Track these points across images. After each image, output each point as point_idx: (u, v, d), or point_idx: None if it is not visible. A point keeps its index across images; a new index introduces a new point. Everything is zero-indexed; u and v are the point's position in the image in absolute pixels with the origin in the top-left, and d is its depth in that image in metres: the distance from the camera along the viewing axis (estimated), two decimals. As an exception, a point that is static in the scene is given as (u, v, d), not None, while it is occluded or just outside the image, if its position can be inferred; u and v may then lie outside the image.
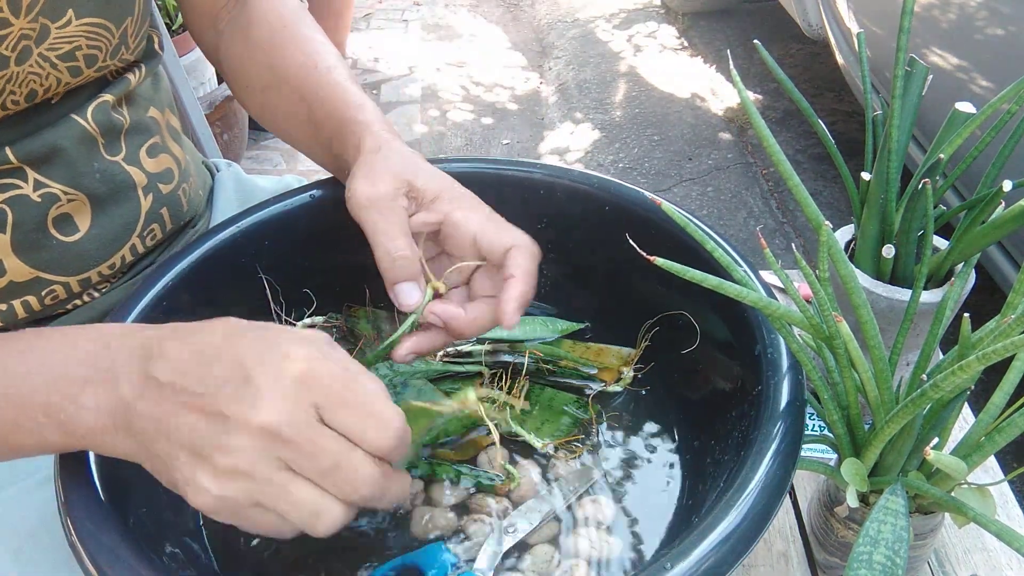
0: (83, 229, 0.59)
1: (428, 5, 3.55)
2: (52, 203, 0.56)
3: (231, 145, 2.09)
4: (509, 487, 0.55)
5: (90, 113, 0.58)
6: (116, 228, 0.61)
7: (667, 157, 2.39)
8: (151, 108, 0.65)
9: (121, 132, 0.61)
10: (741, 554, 0.39)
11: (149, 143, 0.64)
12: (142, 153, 0.63)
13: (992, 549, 0.58)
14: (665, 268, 0.42)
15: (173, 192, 0.65)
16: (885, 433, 0.44)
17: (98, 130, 0.58)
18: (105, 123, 0.59)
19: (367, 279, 0.67)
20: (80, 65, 0.56)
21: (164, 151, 0.65)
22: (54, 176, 0.56)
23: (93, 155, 0.58)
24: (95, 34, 0.56)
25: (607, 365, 0.64)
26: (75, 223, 0.58)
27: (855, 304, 0.44)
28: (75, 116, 0.57)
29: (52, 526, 0.53)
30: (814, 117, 0.60)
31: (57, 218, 0.57)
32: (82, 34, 0.55)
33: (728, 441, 0.51)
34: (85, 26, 0.55)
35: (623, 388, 0.62)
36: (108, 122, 0.59)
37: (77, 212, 0.58)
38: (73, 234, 0.58)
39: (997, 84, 1.34)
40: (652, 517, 0.53)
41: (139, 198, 0.62)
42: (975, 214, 0.54)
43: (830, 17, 2.05)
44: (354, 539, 0.53)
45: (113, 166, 0.60)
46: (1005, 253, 1.37)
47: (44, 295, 0.58)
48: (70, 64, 0.55)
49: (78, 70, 0.56)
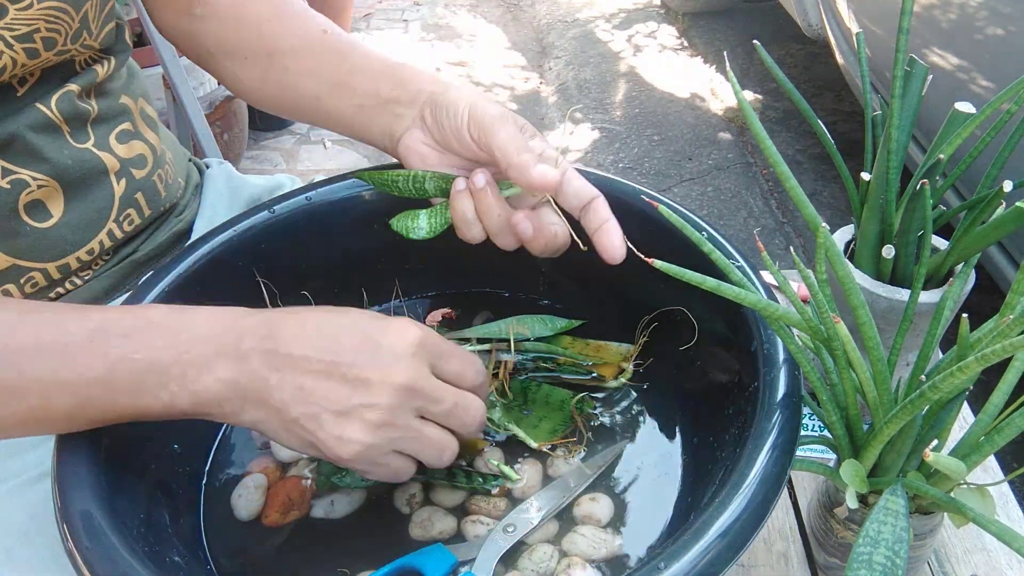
0: (56, 215, 0.59)
1: (428, 5, 3.54)
2: (21, 189, 0.57)
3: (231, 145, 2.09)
4: (508, 487, 0.55)
5: (54, 101, 0.58)
6: (90, 213, 0.61)
7: (667, 157, 2.39)
8: (123, 96, 0.65)
9: (87, 120, 0.61)
10: (738, 551, 0.39)
11: (119, 129, 0.64)
12: (112, 139, 0.63)
13: (992, 549, 0.58)
14: (663, 271, 0.42)
15: (147, 178, 0.66)
16: (884, 434, 0.44)
17: (61, 118, 0.58)
18: (70, 112, 0.59)
19: (365, 281, 0.67)
20: (38, 47, 0.56)
21: (136, 137, 0.65)
22: (20, 163, 0.57)
23: (59, 143, 0.59)
24: (54, 17, 0.56)
25: (606, 361, 0.64)
26: (48, 209, 0.59)
27: (853, 305, 0.44)
28: (39, 104, 0.57)
29: (44, 525, 0.53)
30: (814, 117, 0.60)
31: (29, 204, 0.58)
32: (42, 17, 0.55)
33: (725, 437, 0.51)
34: (46, 9, 0.55)
35: (622, 384, 0.62)
36: (73, 111, 0.59)
37: (49, 198, 0.59)
38: (46, 220, 0.59)
39: (997, 84, 1.34)
40: (651, 514, 0.53)
41: (111, 183, 0.62)
42: (975, 214, 0.54)
43: (830, 17, 2.05)
44: (354, 540, 0.53)
45: (83, 152, 0.60)
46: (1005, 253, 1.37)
47: (23, 283, 0.59)
48: (27, 46, 0.55)
49: (35, 52, 0.56)
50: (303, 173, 2.28)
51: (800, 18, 2.27)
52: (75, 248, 0.61)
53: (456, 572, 0.49)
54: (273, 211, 0.60)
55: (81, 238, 0.61)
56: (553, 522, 0.53)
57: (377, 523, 0.54)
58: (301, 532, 0.53)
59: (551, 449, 0.58)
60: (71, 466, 0.44)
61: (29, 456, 0.57)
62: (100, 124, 0.62)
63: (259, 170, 2.30)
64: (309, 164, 2.35)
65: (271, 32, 0.63)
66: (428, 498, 0.55)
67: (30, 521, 0.54)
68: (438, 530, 0.53)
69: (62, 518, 0.41)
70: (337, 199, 0.62)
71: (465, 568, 0.50)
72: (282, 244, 0.61)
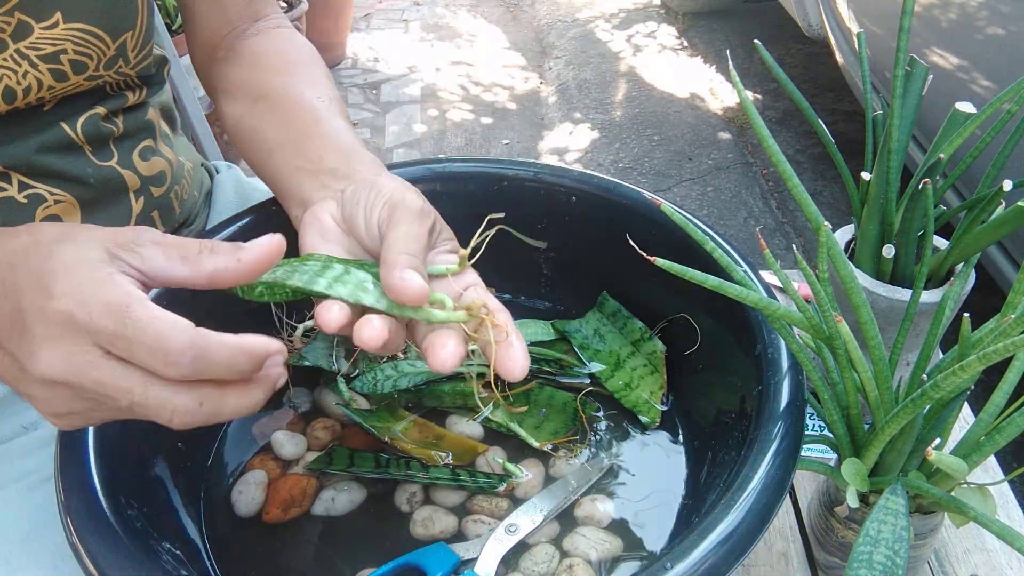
0: None
1: (428, 5, 3.55)
2: (39, 204, 0.57)
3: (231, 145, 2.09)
4: (512, 486, 0.55)
5: (80, 124, 0.58)
6: None
7: (667, 157, 2.39)
8: (150, 111, 0.66)
9: (110, 139, 0.61)
10: (741, 554, 0.39)
11: (142, 145, 0.64)
12: (135, 156, 0.63)
13: (992, 549, 0.58)
14: (665, 269, 0.42)
15: (164, 195, 0.66)
16: (885, 433, 0.44)
17: (84, 139, 0.59)
18: (93, 133, 0.59)
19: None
20: (65, 70, 0.55)
21: (156, 154, 0.66)
22: (38, 179, 0.56)
23: (80, 161, 0.59)
24: (85, 41, 0.56)
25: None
26: None
27: (855, 304, 0.44)
28: (63, 124, 0.57)
29: (42, 532, 0.53)
30: (814, 117, 0.60)
31: (46, 220, 0.57)
32: (69, 38, 0.55)
33: (728, 441, 0.51)
34: (74, 31, 0.55)
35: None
36: (96, 132, 0.59)
37: (66, 214, 0.59)
38: None
39: (997, 84, 1.34)
40: (652, 517, 0.53)
41: (130, 201, 0.62)
42: (975, 214, 0.54)
43: (830, 17, 2.05)
44: (355, 538, 0.53)
45: (107, 170, 0.60)
46: (1005, 253, 1.37)
47: None
48: (53, 66, 0.55)
49: (63, 74, 0.55)
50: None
51: (800, 18, 2.27)
52: None
53: (458, 571, 0.50)
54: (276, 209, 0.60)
55: None
56: (555, 523, 0.53)
57: (378, 521, 0.54)
58: (302, 529, 0.53)
59: (553, 449, 0.58)
60: (74, 462, 0.44)
61: (30, 461, 0.57)
62: (124, 141, 0.62)
63: (259, 170, 2.30)
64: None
65: (269, 82, 0.61)
66: (429, 497, 0.55)
67: (30, 527, 0.54)
68: (439, 529, 0.53)
69: (65, 513, 0.41)
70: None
71: (467, 567, 0.50)
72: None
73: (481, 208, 0.61)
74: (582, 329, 0.66)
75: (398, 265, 0.42)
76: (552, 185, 0.63)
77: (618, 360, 0.63)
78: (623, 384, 0.61)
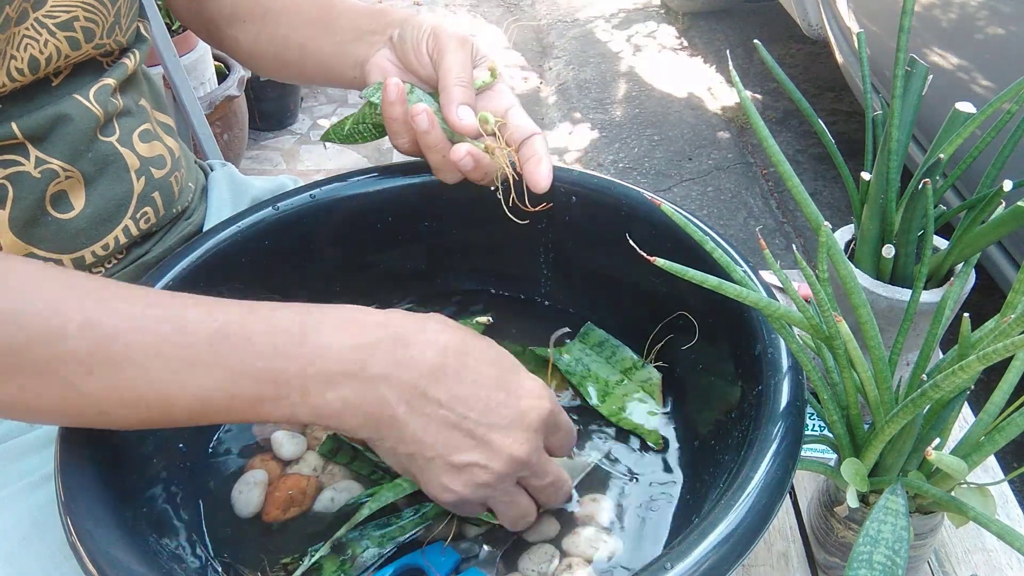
0: (77, 207, 0.60)
1: (428, 5, 3.54)
2: (51, 179, 0.58)
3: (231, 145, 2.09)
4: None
5: (92, 94, 0.59)
6: (109, 207, 0.62)
7: (667, 157, 2.39)
8: (142, 99, 0.67)
9: (114, 114, 0.63)
10: (741, 554, 0.39)
11: (141, 128, 0.65)
12: (135, 137, 0.64)
13: (992, 549, 0.58)
14: (665, 269, 0.42)
15: (165, 178, 0.67)
16: (885, 433, 0.44)
17: (100, 111, 0.60)
18: (104, 104, 0.60)
19: (369, 280, 0.67)
20: (78, 37, 0.57)
21: (156, 139, 0.67)
22: (54, 152, 0.58)
23: (91, 133, 0.60)
24: (92, 6, 0.58)
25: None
26: (70, 201, 0.60)
27: (855, 304, 0.44)
28: (77, 96, 0.59)
29: (45, 531, 0.53)
30: (814, 117, 0.60)
31: (55, 195, 0.58)
32: (80, 4, 0.57)
33: (728, 441, 0.51)
34: None
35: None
36: (107, 104, 0.61)
37: (72, 189, 0.60)
38: (68, 212, 0.60)
39: (997, 84, 1.34)
40: (652, 517, 0.53)
41: (131, 179, 0.63)
42: (975, 214, 0.54)
43: (830, 17, 2.05)
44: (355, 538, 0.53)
45: (107, 145, 0.61)
46: (1005, 253, 1.37)
47: None
48: (68, 34, 0.56)
49: (76, 42, 0.57)
50: (303, 173, 2.28)
51: (800, 18, 2.27)
52: (91, 242, 0.61)
53: (459, 570, 0.50)
54: (277, 208, 0.61)
55: (98, 232, 0.61)
56: (554, 522, 0.53)
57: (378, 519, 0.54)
58: (302, 529, 0.53)
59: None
60: (75, 462, 0.44)
61: (32, 460, 0.57)
62: (124, 119, 0.64)
63: (259, 170, 2.30)
64: (309, 164, 2.35)
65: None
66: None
67: (32, 526, 0.54)
68: (439, 528, 0.53)
69: (65, 512, 0.41)
70: (341, 197, 0.63)
71: (467, 566, 0.50)
72: (286, 241, 0.61)
73: (481, 208, 0.62)
74: (563, 358, 0.64)
75: (455, 100, 0.55)
76: (552, 185, 0.63)
77: (606, 386, 0.62)
78: (617, 408, 0.61)
